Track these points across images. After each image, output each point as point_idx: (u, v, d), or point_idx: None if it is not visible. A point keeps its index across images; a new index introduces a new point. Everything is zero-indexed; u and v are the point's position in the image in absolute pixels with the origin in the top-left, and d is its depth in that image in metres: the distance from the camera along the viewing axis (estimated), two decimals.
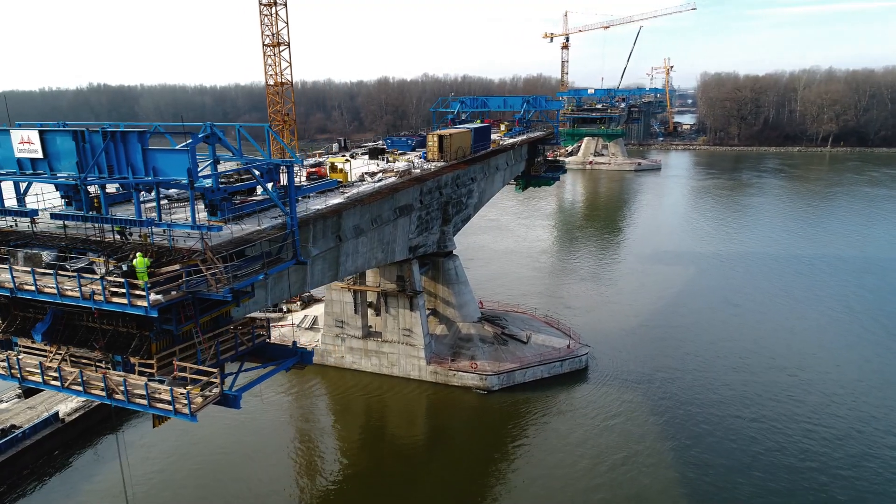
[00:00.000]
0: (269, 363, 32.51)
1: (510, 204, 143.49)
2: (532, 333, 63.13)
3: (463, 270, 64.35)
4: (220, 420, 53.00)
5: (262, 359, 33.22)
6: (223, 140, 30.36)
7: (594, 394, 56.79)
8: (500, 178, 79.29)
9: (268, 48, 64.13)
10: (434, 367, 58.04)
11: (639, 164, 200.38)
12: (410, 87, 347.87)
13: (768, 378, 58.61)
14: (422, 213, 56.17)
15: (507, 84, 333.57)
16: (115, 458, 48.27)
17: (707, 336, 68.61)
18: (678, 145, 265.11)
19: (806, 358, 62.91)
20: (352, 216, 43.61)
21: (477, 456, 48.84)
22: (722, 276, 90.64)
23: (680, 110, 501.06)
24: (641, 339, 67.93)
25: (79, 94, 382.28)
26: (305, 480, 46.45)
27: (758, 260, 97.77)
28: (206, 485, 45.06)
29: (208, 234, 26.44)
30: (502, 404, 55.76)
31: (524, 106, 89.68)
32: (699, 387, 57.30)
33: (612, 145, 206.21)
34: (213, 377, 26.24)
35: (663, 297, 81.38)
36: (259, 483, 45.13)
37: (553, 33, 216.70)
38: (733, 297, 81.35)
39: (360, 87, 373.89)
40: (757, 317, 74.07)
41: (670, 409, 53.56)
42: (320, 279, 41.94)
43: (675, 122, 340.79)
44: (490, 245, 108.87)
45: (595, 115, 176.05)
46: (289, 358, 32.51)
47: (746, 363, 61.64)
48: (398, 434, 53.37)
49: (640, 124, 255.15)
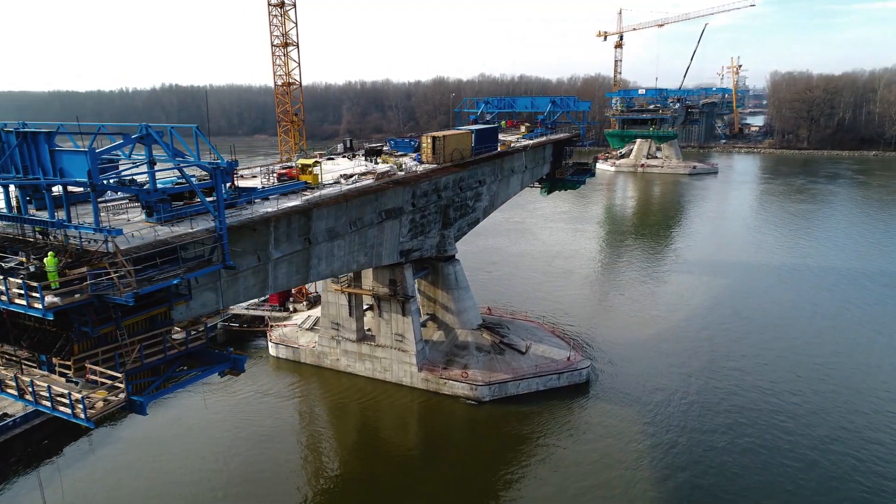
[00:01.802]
0: (206, 368, 32.04)
1: (549, 207, 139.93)
2: (533, 343, 60.68)
3: (464, 276, 62.58)
4: (214, 420, 53.65)
5: (201, 363, 32.82)
6: (159, 141, 30.03)
7: (592, 412, 53.76)
8: (518, 181, 76.92)
9: (276, 48, 64.35)
10: (425, 374, 56.64)
11: (693, 168, 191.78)
12: (466, 86, 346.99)
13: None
14: (415, 216, 54.86)
15: (565, 84, 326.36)
16: (105, 446, 49.79)
17: (734, 359, 63.92)
18: (741, 148, 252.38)
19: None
20: (324, 218, 42.85)
21: (458, 471, 46.87)
22: (765, 290, 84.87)
23: (754, 111, 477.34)
24: (656, 354, 64.06)
25: (152, 95, 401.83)
26: (292, 485, 45.50)
27: (818, 274, 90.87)
28: (198, 480, 45.02)
29: (114, 238, 25.94)
30: (492, 416, 53.68)
31: (549, 107, 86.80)
32: (710, 413, 53.29)
33: (665, 147, 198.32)
34: (118, 382, 25.91)
35: (692, 311, 76.82)
36: (250, 484, 44.81)
37: (606, 32, 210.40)
38: (774, 313, 75.87)
39: (418, 87, 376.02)
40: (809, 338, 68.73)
41: (670, 435, 50.00)
42: (285, 282, 41.34)
43: (743, 123, 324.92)
44: (506, 248, 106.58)
45: (645, 117, 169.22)
46: (223, 363, 31.90)
47: (785, 386, 57.13)
48: (389, 442, 51.98)
49: (699, 126, 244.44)
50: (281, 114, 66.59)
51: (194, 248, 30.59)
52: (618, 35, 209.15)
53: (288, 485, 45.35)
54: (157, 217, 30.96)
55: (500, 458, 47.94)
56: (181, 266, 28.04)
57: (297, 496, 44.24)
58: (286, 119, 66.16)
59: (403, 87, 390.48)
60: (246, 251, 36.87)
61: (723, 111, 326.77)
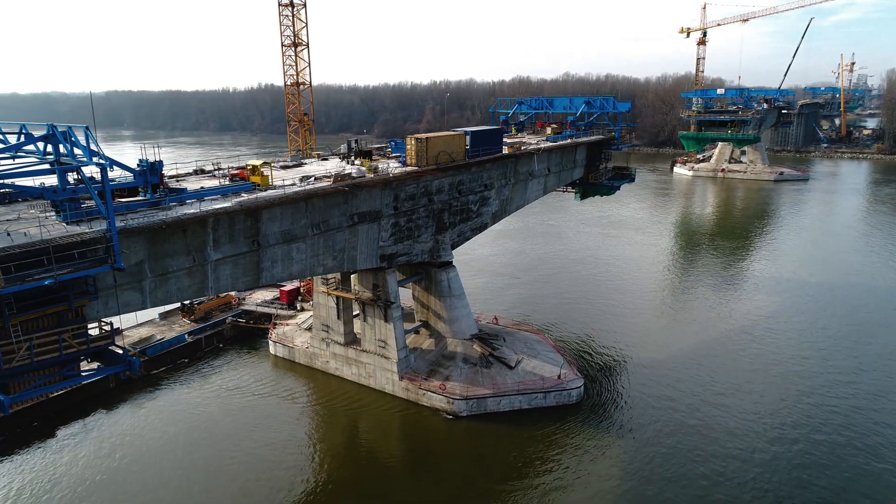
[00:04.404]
0: (102, 369, 32.06)
1: (612, 211, 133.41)
2: (526, 358, 57.28)
3: (459, 283, 60.11)
4: (203, 419, 54.53)
5: (105, 362, 32.91)
6: (62, 141, 30.30)
7: (578, 437, 49.54)
8: (539, 186, 73.18)
9: (287, 48, 64.63)
10: (406, 383, 54.82)
11: (780, 174, 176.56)
12: (551, 86, 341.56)
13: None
14: (399, 219, 53.13)
15: (653, 83, 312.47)
16: (95, 430, 51.73)
17: (753, 397, 57.65)
18: (844, 153, 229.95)
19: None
20: (276, 221, 42.09)
21: (429, 488, 44.53)
22: (811, 314, 76.22)
23: (874, 113, 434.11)
24: (666, 379, 58.78)
25: (249, 94, 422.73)
26: (264, 488, 44.91)
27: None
28: (180, 487, 45.35)
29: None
30: (469, 433, 50.99)
31: (582, 107, 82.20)
32: (703, 457, 48.04)
33: (750, 151, 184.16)
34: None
35: (721, 333, 70.16)
36: (230, 486, 44.80)
37: (689, 28, 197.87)
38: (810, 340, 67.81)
39: (501, 86, 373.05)
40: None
41: (655, 473, 45.40)
42: (230, 284, 40.85)
43: (856, 125, 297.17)
44: (551, 254, 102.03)
45: (723, 118, 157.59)
46: (120, 365, 31.76)
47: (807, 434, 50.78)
48: (368, 451, 50.66)
49: (792, 128, 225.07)
50: (290, 114, 66.72)
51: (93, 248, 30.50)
52: (701, 31, 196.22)
53: (260, 486, 44.75)
54: (63, 216, 31.27)
55: (468, 478, 45.09)
56: (55, 268, 27.82)
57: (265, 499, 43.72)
58: (295, 119, 66.25)
59: (487, 86, 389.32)
60: (177, 252, 36.72)
61: (831, 112, 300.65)
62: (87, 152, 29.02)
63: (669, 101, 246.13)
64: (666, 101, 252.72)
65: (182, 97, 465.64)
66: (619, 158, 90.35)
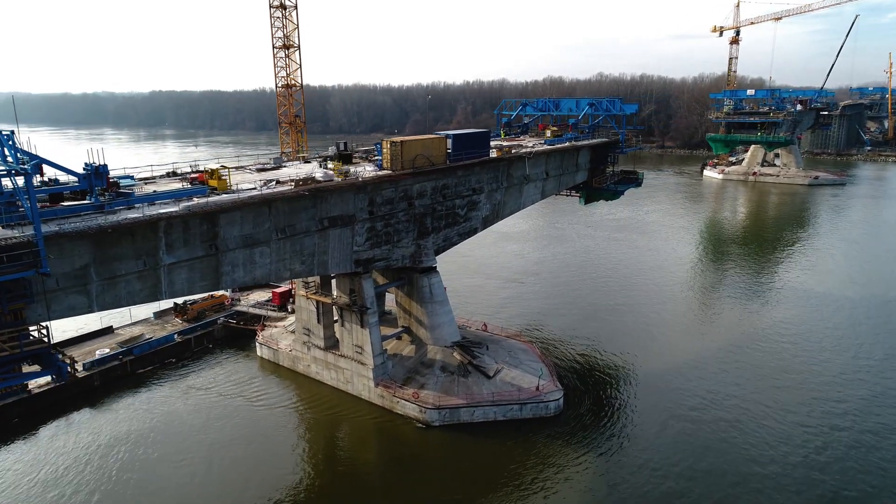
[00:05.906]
0: (33, 372, 32.13)
1: (644, 212, 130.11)
2: (507, 368, 55.76)
3: (441, 289, 58.92)
4: (172, 417, 54.71)
5: (44, 366, 32.98)
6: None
7: (554, 451, 47.71)
8: (536, 190, 71.38)
9: (277, 50, 64.56)
10: (381, 390, 53.96)
11: (815, 178, 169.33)
12: (583, 86, 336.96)
13: None
14: (375, 224, 52.31)
15: (689, 82, 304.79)
16: (80, 424, 52.47)
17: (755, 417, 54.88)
18: (889, 156, 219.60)
19: None
20: (236, 224, 41.75)
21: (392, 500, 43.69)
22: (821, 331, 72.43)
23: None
24: (662, 401, 56.43)
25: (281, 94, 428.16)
26: (234, 489, 44.79)
27: None
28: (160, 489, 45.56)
29: None
30: (442, 443, 49.81)
31: (586, 109, 79.98)
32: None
33: (784, 154, 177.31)
34: None
35: (726, 347, 67.23)
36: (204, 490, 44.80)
37: (722, 27, 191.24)
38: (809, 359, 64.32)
39: (535, 86, 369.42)
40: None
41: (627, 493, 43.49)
42: (186, 288, 40.58)
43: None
44: (562, 260, 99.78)
45: (753, 120, 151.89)
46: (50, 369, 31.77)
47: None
48: (342, 458, 49.98)
49: (832, 130, 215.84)
50: (280, 115, 66.63)
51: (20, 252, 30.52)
52: (734, 30, 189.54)
53: (230, 488, 44.63)
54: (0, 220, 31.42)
55: (447, 488, 43.88)
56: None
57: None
58: (285, 121, 66.12)
59: (520, 86, 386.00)
60: (126, 256, 36.66)
61: (879, 114, 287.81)
62: (14, 157, 28.99)
63: (704, 102, 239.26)
64: (700, 102, 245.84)
65: (221, 97, 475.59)
66: (645, 162, 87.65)
